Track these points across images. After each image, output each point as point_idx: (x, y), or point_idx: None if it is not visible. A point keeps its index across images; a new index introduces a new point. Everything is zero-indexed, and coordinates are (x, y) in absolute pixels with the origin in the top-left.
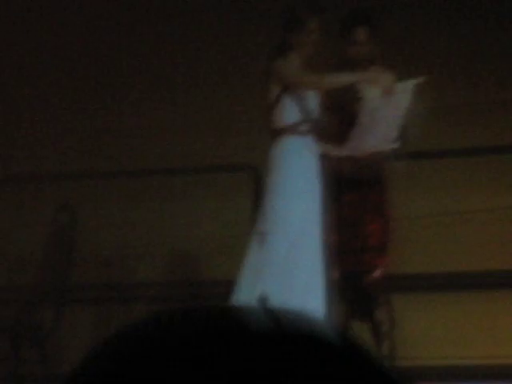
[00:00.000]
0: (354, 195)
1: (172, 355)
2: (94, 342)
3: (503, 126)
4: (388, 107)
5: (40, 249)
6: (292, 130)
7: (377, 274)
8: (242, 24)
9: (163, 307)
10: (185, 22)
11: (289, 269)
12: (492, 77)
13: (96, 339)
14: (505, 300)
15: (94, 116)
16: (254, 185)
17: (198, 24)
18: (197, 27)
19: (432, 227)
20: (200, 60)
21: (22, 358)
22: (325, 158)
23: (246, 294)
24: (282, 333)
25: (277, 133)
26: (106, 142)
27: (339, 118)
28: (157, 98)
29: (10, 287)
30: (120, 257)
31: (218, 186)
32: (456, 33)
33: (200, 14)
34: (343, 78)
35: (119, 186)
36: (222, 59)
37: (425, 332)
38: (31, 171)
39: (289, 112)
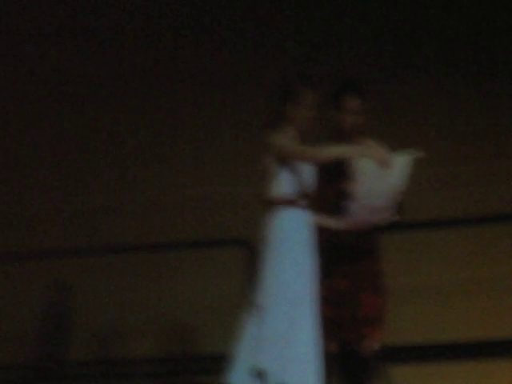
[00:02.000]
0: (349, 267)
1: None
2: None
3: (497, 197)
4: (384, 180)
5: (36, 326)
6: (288, 203)
7: (373, 346)
8: (236, 97)
9: (158, 383)
10: (179, 101)
11: (286, 343)
12: (487, 149)
13: None
14: (499, 370)
15: (91, 193)
16: (247, 259)
17: (192, 101)
18: (190, 104)
19: (428, 298)
20: (192, 138)
21: None
22: (321, 230)
23: (243, 369)
24: None
25: (272, 205)
26: (101, 218)
27: (335, 190)
28: (151, 175)
29: (5, 365)
30: (116, 333)
31: (213, 261)
32: (444, 103)
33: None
34: (340, 151)
35: (115, 261)
36: (212, 132)
37: None
38: (27, 248)
39: (284, 185)
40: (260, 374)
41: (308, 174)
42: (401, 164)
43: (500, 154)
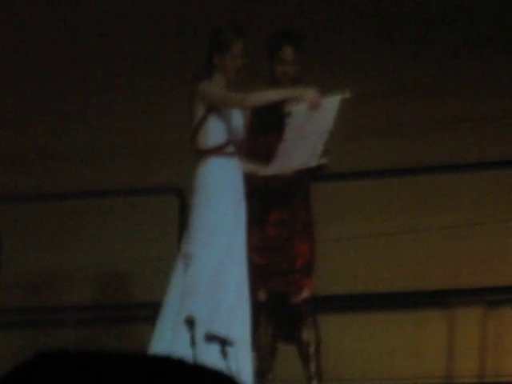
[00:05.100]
0: (281, 214)
1: None
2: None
3: (426, 146)
4: (314, 122)
5: None
6: (217, 150)
7: (303, 294)
8: (169, 44)
9: (90, 330)
10: (113, 45)
11: (214, 291)
12: (416, 96)
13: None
14: (430, 320)
15: (19, 138)
16: (181, 207)
17: (125, 44)
18: (123, 47)
19: (357, 248)
20: (125, 81)
21: None
22: (251, 178)
23: (172, 317)
24: None
25: (202, 154)
26: (32, 164)
27: (266, 136)
28: (82, 121)
29: None
30: (46, 280)
31: (145, 209)
32: (381, 51)
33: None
34: (268, 95)
35: (45, 208)
36: (146, 79)
37: (351, 352)
38: None
39: (214, 133)
40: (189, 322)
41: (237, 121)
42: (330, 105)
43: (434, 102)
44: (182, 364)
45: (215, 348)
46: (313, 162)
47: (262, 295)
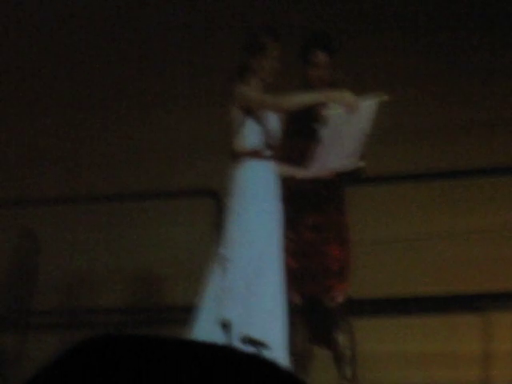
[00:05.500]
0: (316, 218)
1: None
2: None
3: (463, 150)
4: (351, 126)
5: (2, 274)
6: (254, 154)
7: (339, 298)
8: (204, 47)
9: (125, 332)
10: (146, 46)
11: (251, 294)
12: (452, 100)
13: None
14: (466, 324)
15: (57, 141)
16: (216, 210)
17: (160, 48)
18: (158, 51)
19: (392, 251)
20: (160, 84)
21: None
22: (287, 181)
23: (208, 320)
24: None
25: (238, 157)
26: (67, 167)
27: (302, 139)
28: (118, 124)
29: None
30: (82, 283)
31: (180, 211)
32: (417, 54)
33: (161, 40)
34: (305, 98)
35: (81, 211)
36: (181, 83)
37: (386, 356)
38: None
39: (251, 136)
40: (225, 325)
41: (274, 124)
42: (367, 108)
43: (472, 106)
44: (238, 352)
45: (251, 351)
46: (350, 165)
47: (297, 299)
